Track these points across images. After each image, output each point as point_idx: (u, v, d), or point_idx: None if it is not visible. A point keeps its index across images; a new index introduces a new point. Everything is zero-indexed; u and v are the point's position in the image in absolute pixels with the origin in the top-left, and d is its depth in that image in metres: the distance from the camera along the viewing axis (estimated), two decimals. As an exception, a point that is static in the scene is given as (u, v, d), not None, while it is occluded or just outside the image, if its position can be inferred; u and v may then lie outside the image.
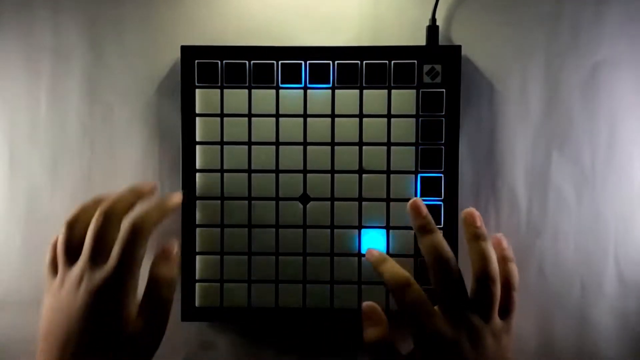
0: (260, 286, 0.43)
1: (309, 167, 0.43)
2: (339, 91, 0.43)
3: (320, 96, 0.43)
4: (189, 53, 0.43)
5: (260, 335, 0.46)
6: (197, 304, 0.44)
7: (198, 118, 0.43)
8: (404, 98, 0.43)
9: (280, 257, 0.43)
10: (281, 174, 0.43)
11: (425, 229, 0.39)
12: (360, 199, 0.43)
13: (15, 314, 0.46)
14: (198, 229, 0.43)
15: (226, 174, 0.43)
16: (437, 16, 0.44)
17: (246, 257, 0.43)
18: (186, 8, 0.45)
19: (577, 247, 0.45)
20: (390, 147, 0.43)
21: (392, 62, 0.43)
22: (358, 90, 0.43)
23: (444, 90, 0.43)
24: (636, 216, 0.45)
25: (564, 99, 0.45)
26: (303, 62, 0.43)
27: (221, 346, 0.46)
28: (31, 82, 0.45)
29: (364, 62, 0.43)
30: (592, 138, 0.45)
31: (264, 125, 0.43)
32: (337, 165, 0.43)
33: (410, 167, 0.43)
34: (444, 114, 0.43)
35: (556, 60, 0.45)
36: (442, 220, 0.43)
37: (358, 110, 0.43)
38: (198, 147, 0.43)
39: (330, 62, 0.43)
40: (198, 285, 0.44)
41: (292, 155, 0.43)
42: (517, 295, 0.40)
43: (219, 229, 0.43)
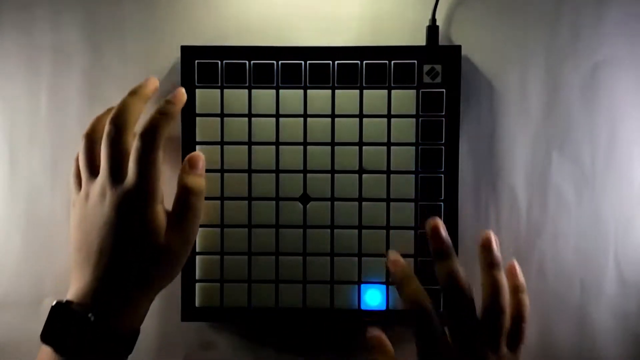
0: (260, 286, 0.43)
1: (309, 167, 0.43)
2: (339, 91, 0.43)
3: (320, 96, 0.43)
4: (189, 53, 0.43)
5: (260, 335, 0.46)
6: (197, 304, 0.44)
7: (198, 118, 0.43)
8: (404, 98, 0.43)
9: (280, 257, 0.43)
10: (281, 174, 0.43)
11: (443, 254, 0.38)
12: (360, 199, 0.43)
13: (15, 314, 0.46)
14: (198, 229, 0.43)
15: (226, 174, 0.43)
16: (437, 16, 0.44)
17: (246, 257, 0.43)
18: (186, 8, 0.45)
19: (577, 247, 0.45)
20: (390, 147, 0.43)
21: (392, 62, 0.43)
22: (358, 90, 0.43)
23: (444, 90, 0.43)
24: (636, 216, 0.45)
25: (564, 99, 0.45)
26: (303, 62, 0.43)
27: (221, 346, 0.46)
28: (31, 82, 0.45)
29: (364, 62, 0.43)
30: (592, 138, 0.45)
31: (264, 125, 0.43)
32: (337, 165, 0.43)
33: (410, 167, 0.43)
34: (444, 114, 0.43)
35: (556, 60, 0.45)
36: (442, 220, 0.43)
37: (358, 110, 0.43)
38: (198, 147, 0.43)
39: (330, 62, 0.43)
40: (198, 285, 0.44)
41: (292, 155, 0.43)
42: (526, 327, 0.40)
43: (219, 229, 0.43)
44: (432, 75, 0.43)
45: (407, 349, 0.45)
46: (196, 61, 0.43)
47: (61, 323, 0.35)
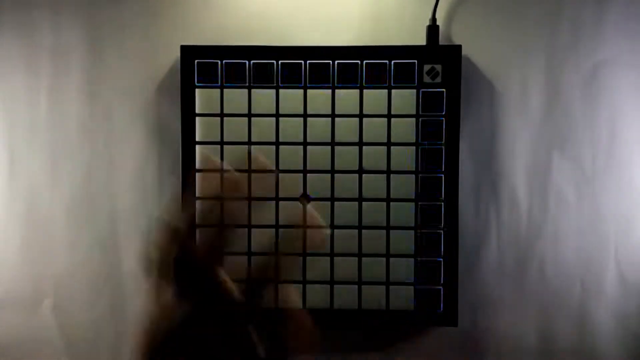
0: (260, 286, 0.43)
1: (309, 167, 0.43)
2: (339, 91, 0.43)
3: (320, 96, 0.43)
4: (188, 53, 0.43)
5: (260, 336, 0.46)
6: (197, 304, 0.44)
7: (198, 118, 0.43)
8: (404, 98, 0.43)
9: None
10: (281, 174, 0.43)
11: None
12: (360, 199, 0.43)
13: (15, 314, 0.46)
14: (198, 229, 0.43)
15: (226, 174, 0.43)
16: (437, 16, 0.44)
17: (246, 257, 0.43)
18: (186, 8, 0.45)
19: (578, 247, 0.45)
20: (390, 147, 0.43)
21: (392, 62, 0.43)
22: (358, 90, 0.43)
23: (444, 90, 0.43)
24: (637, 216, 0.45)
25: (564, 99, 0.45)
26: (303, 62, 0.43)
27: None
28: (31, 82, 0.45)
29: (364, 62, 0.43)
30: (593, 138, 0.45)
31: (264, 125, 0.43)
32: (337, 165, 0.43)
33: (411, 167, 0.43)
34: (444, 113, 0.43)
35: (556, 60, 0.44)
36: (443, 220, 0.43)
37: (358, 110, 0.43)
38: (198, 147, 0.43)
39: (330, 62, 0.43)
40: (198, 285, 0.43)
41: (292, 155, 0.43)
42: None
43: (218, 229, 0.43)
44: (433, 75, 0.43)
45: (407, 349, 0.45)
46: (196, 61, 0.43)
47: None
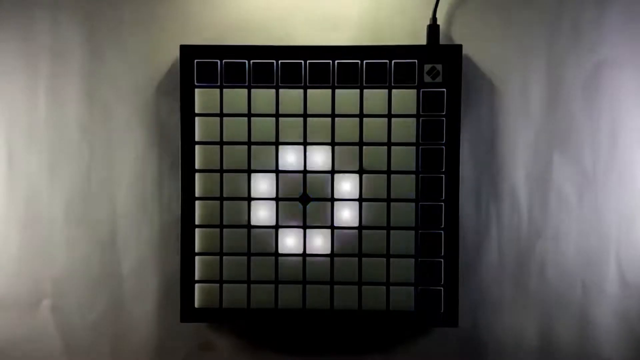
0: (259, 287, 0.43)
1: (309, 167, 0.43)
2: (339, 91, 0.43)
3: (320, 96, 0.43)
4: (188, 52, 0.43)
5: (260, 336, 0.46)
6: (197, 304, 0.43)
7: (197, 118, 0.43)
8: (404, 98, 0.43)
9: (280, 257, 0.43)
10: (281, 174, 0.43)
11: None
12: (361, 199, 0.43)
13: (14, 314, 0.46)
14: (197, 230, 0.43)
15: (226, 174, 0.43)
16: (437, 15, 0.43)
17: (246, 257, 0.43)
18: (186, 7, 0.45)
19: (579, 247, 0.45)
20: (391, 147, 0.43)
21: (393, 61, 0.42)
22: (358, 90, 0.43)
23: (444, 90, 0.42)
24: (638, 216, 0.44)
25: (565, 99, 0.45)
26: (303, 62, 0.43)
27: (220, 347, 0.46)
28: (30, 82, 0.45)
29: (364, 62, 0.43)
30: (594, 138, 0.44)
31: (264, 125, 0.43)
32: (337, 165, 0.43)
33: (411, 167, 0.43)
34: (444, 113, 0.42)
35: (557, 59, 0.44)
36: (443, 221, 0.43)
37: (358, 110, 0.43)
38: (197, 147, 0.43)
39: (330, 62, 0.43)
40: (197, 286, 0.43)
41: (292, 155, 0.43)
42: None
43: (218, 229, 0.43)
44: (433, 75, 0.43)
45: (408, 349, 0.45)
46: (195, 60, 0.43)
47: None
